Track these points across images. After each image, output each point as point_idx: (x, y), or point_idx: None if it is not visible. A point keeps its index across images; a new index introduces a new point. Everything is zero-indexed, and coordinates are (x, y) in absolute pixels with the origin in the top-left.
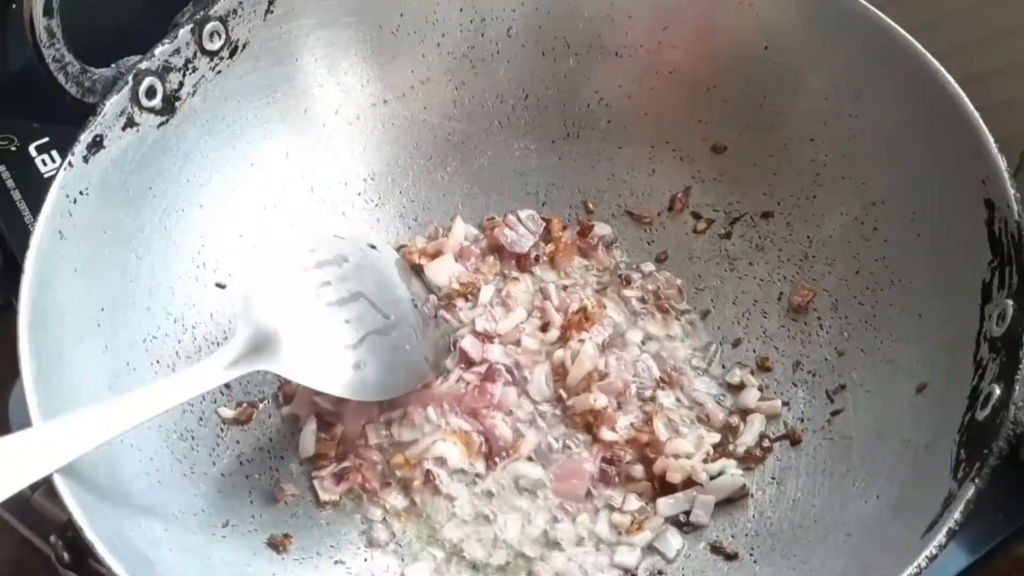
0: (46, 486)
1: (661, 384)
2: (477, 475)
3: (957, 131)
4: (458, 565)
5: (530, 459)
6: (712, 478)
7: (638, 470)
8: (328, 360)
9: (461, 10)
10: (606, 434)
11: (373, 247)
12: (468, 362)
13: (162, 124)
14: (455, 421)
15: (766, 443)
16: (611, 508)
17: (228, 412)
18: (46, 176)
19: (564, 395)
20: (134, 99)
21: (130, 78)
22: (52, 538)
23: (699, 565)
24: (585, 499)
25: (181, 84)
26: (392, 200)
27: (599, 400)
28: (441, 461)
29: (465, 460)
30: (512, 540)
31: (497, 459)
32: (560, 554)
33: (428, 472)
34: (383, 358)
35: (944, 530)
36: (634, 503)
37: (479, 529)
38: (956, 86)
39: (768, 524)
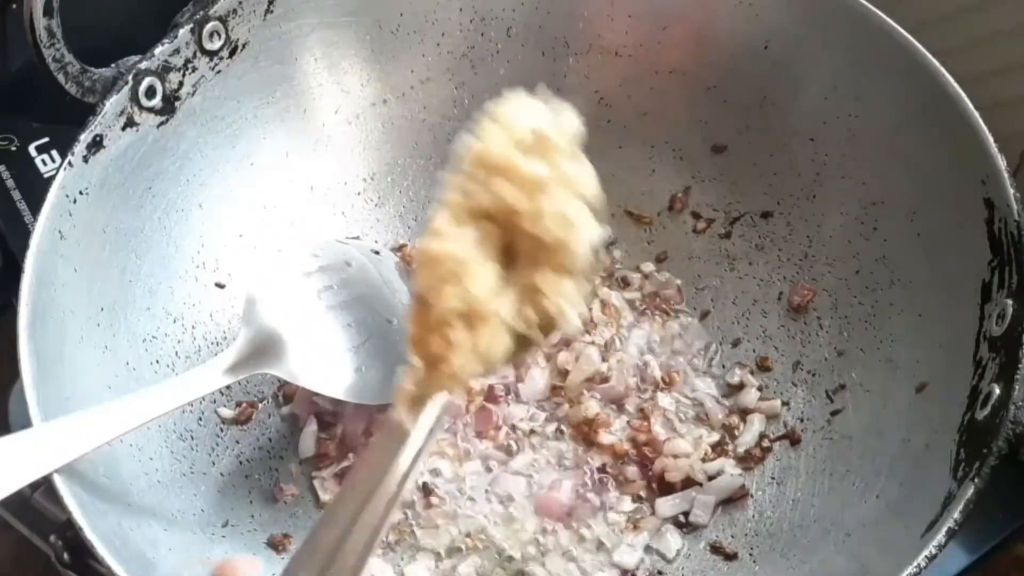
0: (46, 486)
1: (661, 385)
2: (471, 487)
3: (957, 131)
4: (455, 566)
5: (519, 473)
6: (711, 478)
7: (632, 471)
8: (330, 363)
9: (461, 10)
10: (604, 437)
11: (376, 252)
12: None
13: (162, 124)
14: (448, 435)
15: (766, 443)
16: (607, 508)
17: (227, 412)
18: (46, 176)
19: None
20: (134, 99)
21: (130, 78)
22: (52, 538)
23: (699, 565)
24: (566, 517)
25: (181, 84)
26: (392, 200)
27: (590, 408)
28: (436, 472)
29: (458, 472)
30: (504, 544)
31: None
32: (557, 555)
33: (425, 484)
34: (385, 362)
35: (944, 530)
36: (628, 504)
37: (473, 534)
38: (956, 86)
39: (768, 524)
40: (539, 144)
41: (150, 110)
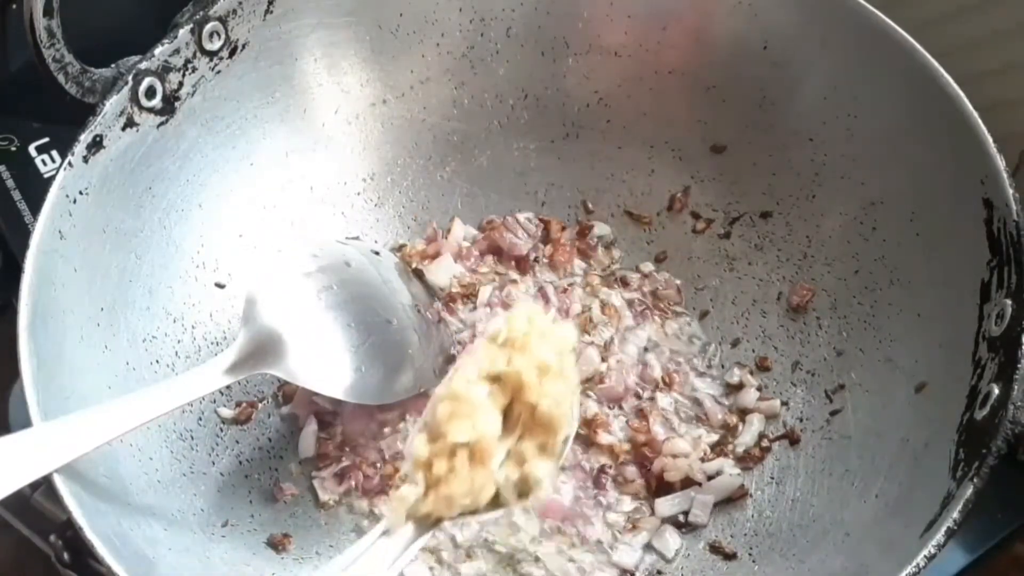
0: (46, 486)
1: (660, 385)
2: None
3: (956, 131)
4: (456, 567)
5: None
6: (710, 478)
7: (631, 471)
8: (330, 363)
9: (460, 10)
10: (603, 438)
11: (376, 252)
12: None
13: (162, 124)
14: None
15: (765, 443)
16: (606, 508)
17: (227, 412)
18: (46, 176)
19: None
20: (134, 99)
21: (130, 78)
22: (52, 537)
23: (698, 565)
24: (566, 518)
25: (181, 84)
26: (391, 200)
27: (589, 409)
28: None
29: None
30: (504, 545)
31: None
32: (557, 555)
33: None
34: (385, 362)
35: (943, 529)
36: (627, 504)
37: (471, 534)
38: (955, 86)
39: (767, 524)
40: (547, 339)
41: (150, 110)
